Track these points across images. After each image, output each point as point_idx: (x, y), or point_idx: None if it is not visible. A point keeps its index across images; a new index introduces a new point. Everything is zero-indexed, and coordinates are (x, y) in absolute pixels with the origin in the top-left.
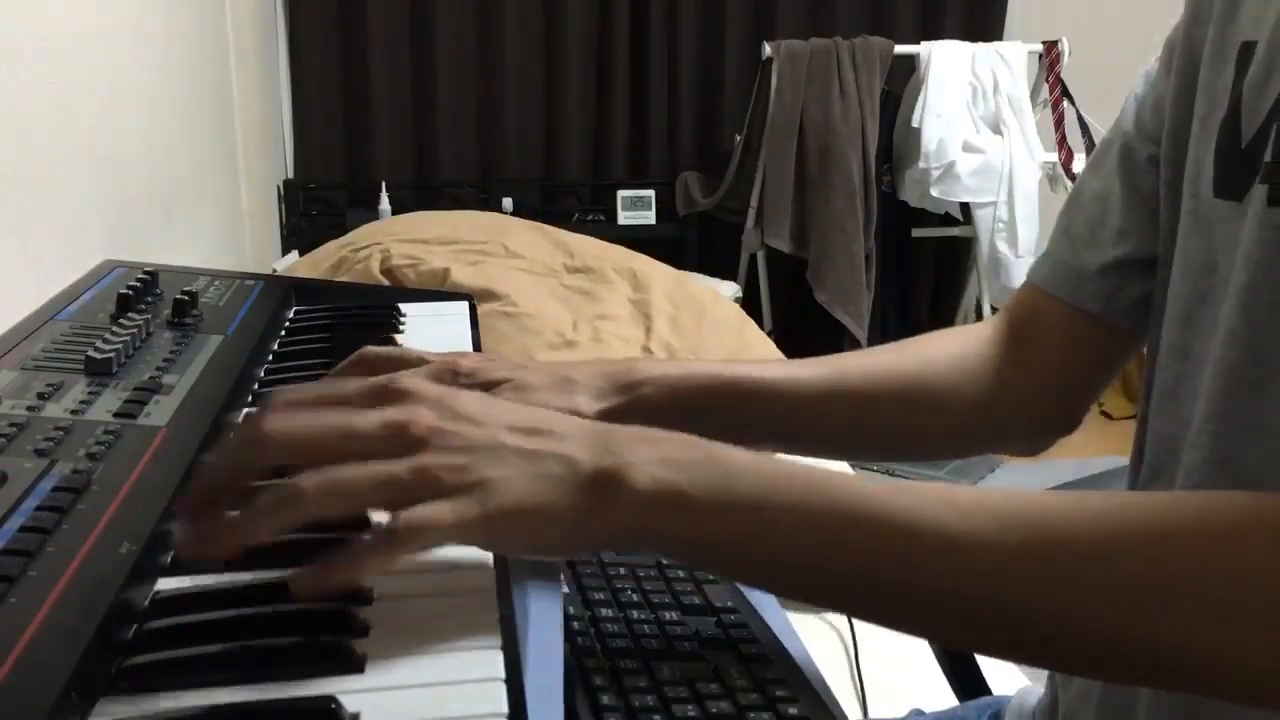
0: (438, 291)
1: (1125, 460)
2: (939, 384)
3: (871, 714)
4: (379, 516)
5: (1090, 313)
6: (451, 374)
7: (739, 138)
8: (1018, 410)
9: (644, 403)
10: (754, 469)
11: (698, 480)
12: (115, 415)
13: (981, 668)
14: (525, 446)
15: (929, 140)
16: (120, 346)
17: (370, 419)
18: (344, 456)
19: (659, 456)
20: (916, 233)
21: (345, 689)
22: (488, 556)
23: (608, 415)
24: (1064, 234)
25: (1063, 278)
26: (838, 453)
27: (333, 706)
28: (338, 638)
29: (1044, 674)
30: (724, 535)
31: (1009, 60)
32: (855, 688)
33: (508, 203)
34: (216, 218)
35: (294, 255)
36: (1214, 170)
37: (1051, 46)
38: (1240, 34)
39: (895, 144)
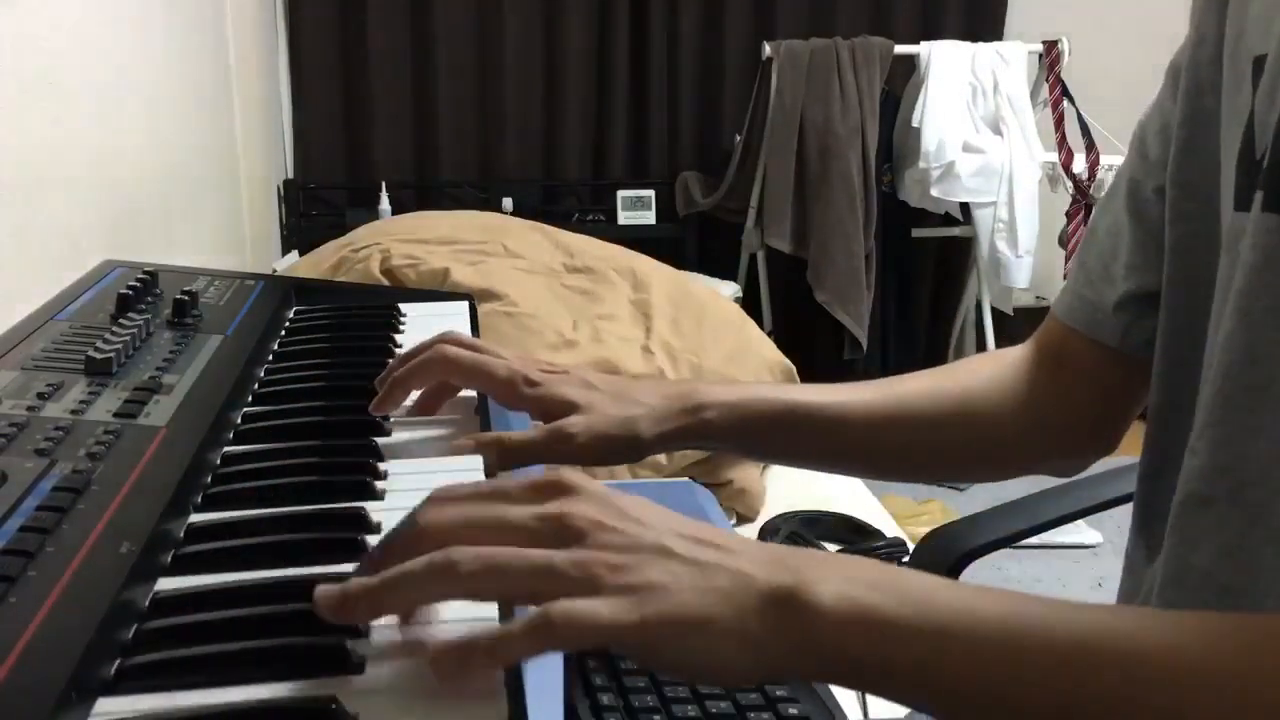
0: (438, 291)
1: (1128, 460)
2: (986, 407)
3: (872, 714)
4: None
5: (1109, 346)
6: (525, 381)
7: (739, 138)
8: (1055, 433)
9: (707, 428)
10: (945, 585)
11: (887, 598)
12: (115, 415)
13: None
14: (692, 555)
15: (929, 140)
16: (120, 346)
17: (528, 509)
18: (499, 543)
19: (840, 574)
20: (916, 233)
21: (345, 689)
22: None
23: (667, 439)
24: (1081, 268)
25: (1080, 311)
26: (886, 472)
27: (333, 707)
28: (338, 639)
29: None
30: (923, 660)
31: (1009, 60)
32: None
33: (508, 203)
34: (216, 218)
35: (294, 255)
36: (1235, 186)
37: (1051, 46)
38: (1250, 49)
39: (895, 144)
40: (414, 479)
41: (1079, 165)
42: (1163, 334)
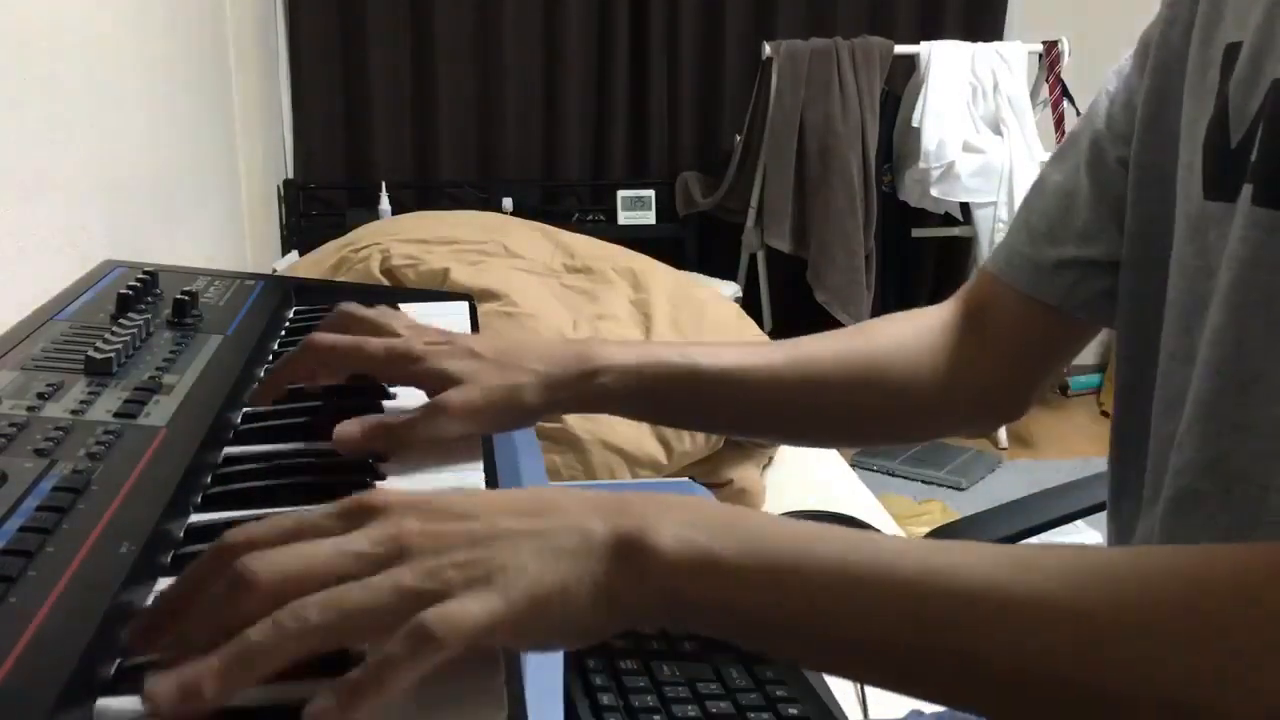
0: (438, 291)
1: None
2: (897, 368)
3: (872, 714)
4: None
5: (1047, 304)
6: (406, 358)
7: (739, 138)
8: (970, 395)
9: (603, 392)
10: (784, 527)
11: (726, 541)
12: (115, 415)
13: None
14: (530, 527)
15: (929, 140)
16: (120, 346)
17: (355, 538)
18: (333, 583)
19: (680, 519)
20: (916, 233)
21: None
22: None
23: (559, 404)
24: (1023, 225)
25: (1020, 268)
26: (794, 436)
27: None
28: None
29: None
30: (762, 601)
31: (1009, 60)
32: (855, 688)
33: (508, 203)
34: (216, 218)
35: (294, 255)
36: (1202, 172)
37: (1051, 46)
38: (1225, 36)
39: (895, 144)
40: (415, 479)
41: None
42: (1123, 316)
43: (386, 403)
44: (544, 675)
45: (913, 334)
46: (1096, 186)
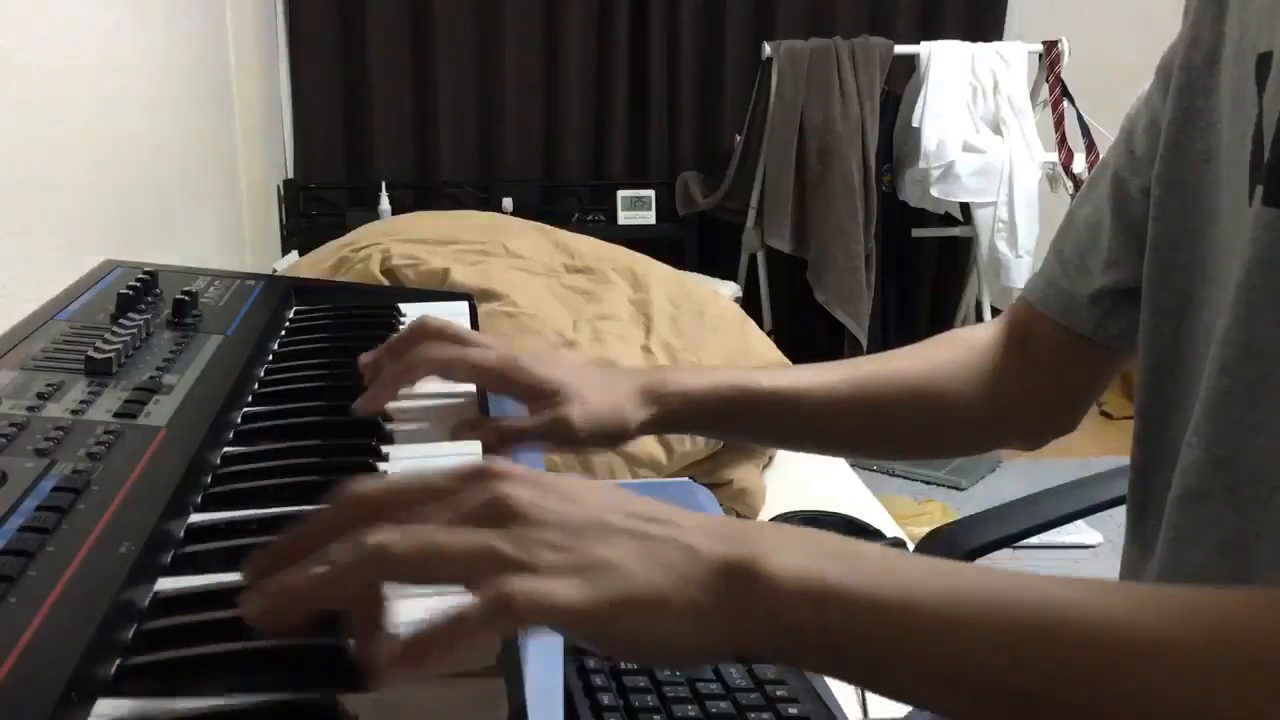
0: (438, 291)
1: (1126, 460)
2: (948, 388)
3: (871, 714)
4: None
5: (1080, 335)
6: (514, 367)
7: (739, 138)
8: (1018, 413)
9: (674, 417)
10: (903, 559)
11: (843, 571)
12: (115, 415)
13: None
14: (639, 530)
15: (929, 140)
16: (120, 346)
17: (464, 496)
18: (429, 523)
19: (795, 548)
20: (916, 233)
21: (346, 689)
22: None
23: (645, 426)
24: (1056, 256)
25: (1054, 299)
26: (846, 451)
27: (333, 706)
28: (338, 639)
29: None
30: (879, 634)
31: (1009, 60)
32: (856, 688)
33: (508, 203)
34: (216, 218)
35: (294, 255)
36: (1247, 185)
37: (1051, 46)
38: (1255, 47)
39: (895, 144)
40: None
41: (1079, 165)
42: (1145, 331)
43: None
44: (544, 675)
45: (963, 355)
46: (1118, 214)
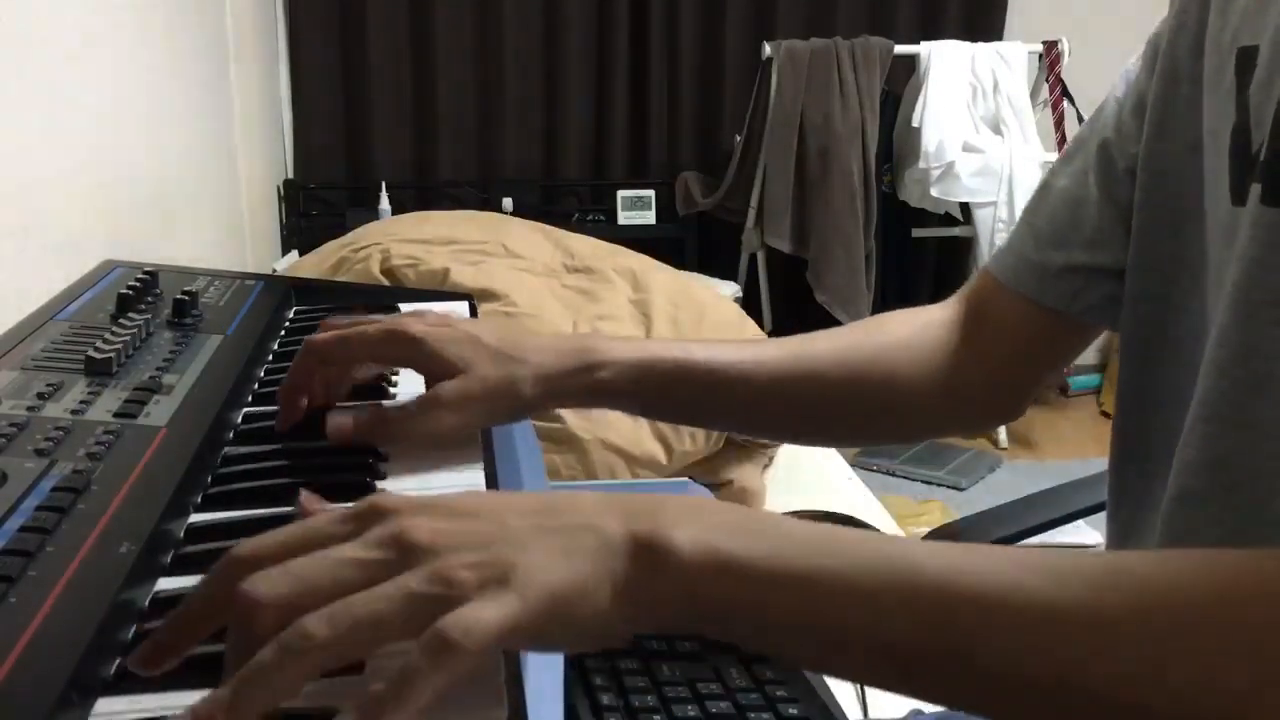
0: (438, 291)
1: None
2: (897, 366)
3: (871, 714)
4: None
5: (1052, 309)
6: (407, 340)
7: (739, 138)
8: (969, 394)
9: (602, 386)
10: (803, 529)
11: (744, 543)
12: (115, 415)
13: None
14: (546, 525)
15: (929, 140)
16: (120, 346)
17: (360, 544)
18: (342, 594)
19: (696, 520)
20: (916, 233)
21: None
22: None
23: (556, 396)
24: (1028, 229)
25: (1025, 273)
26: (794, 434)
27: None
28: None
29: None
30: (782, 604)
31: (1009, 60)
32: (855, 688)
33: (508, 203)
34: (216, 218)
35: (294, 255)
36: (1230, 179)
37: (1051, 46)
38: (1236, 40)
39: (895, 144)
40: (414, 480)
41: None
42: (1128, 320)
43: (386, 403)
44: (544, 675)
45: (914, 332)
46: (1105, 193)
